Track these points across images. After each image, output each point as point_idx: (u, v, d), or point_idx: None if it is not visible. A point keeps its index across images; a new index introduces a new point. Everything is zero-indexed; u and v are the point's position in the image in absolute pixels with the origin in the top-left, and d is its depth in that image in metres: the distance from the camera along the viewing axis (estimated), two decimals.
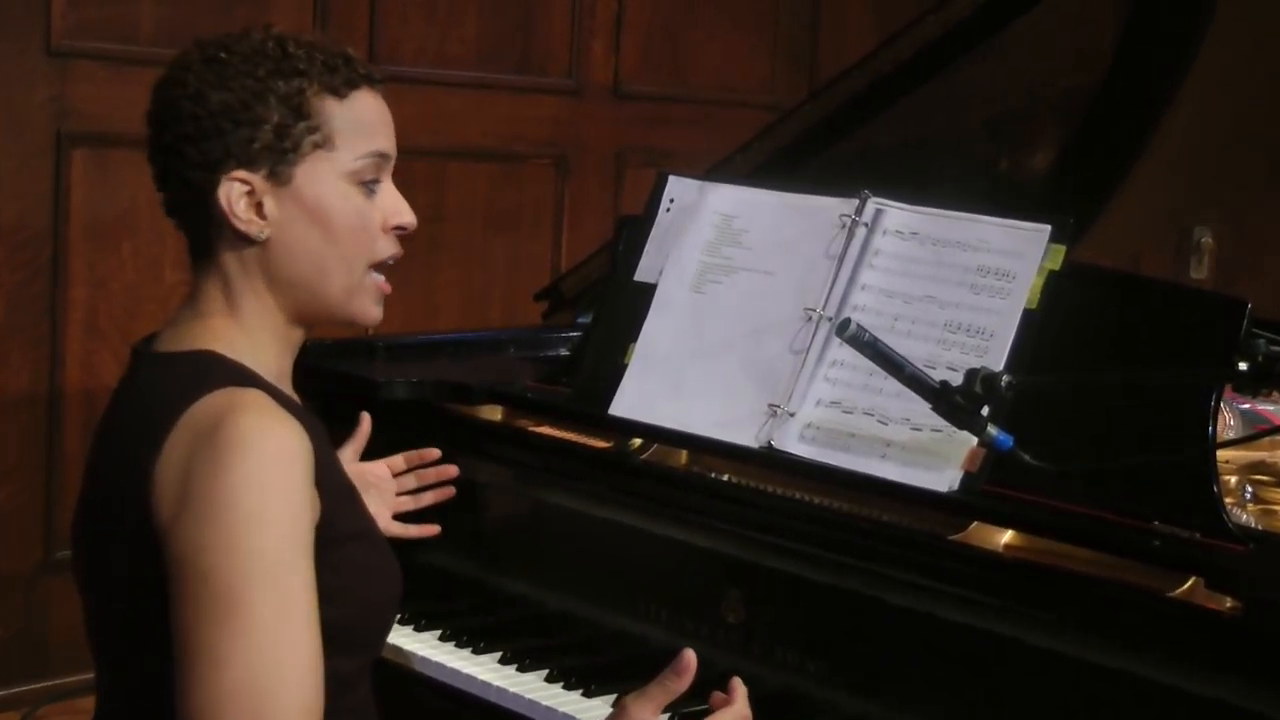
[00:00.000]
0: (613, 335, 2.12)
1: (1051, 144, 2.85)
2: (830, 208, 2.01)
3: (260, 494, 1.37)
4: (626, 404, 2.05)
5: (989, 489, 1.77)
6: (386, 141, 1.56)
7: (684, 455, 2.03)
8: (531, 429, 2.16)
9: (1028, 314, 1.83)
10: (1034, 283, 1.84)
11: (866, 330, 1.76)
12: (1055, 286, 1.83)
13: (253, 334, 1.54)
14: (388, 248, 1.57)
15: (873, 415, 1.87)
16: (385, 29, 3.90)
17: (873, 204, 1.99)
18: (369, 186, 1.55)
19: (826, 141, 2.59)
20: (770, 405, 1.94)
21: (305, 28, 3.70)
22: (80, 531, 1.53)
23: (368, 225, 1.55)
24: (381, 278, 1.58)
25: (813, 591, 1.78)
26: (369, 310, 1.57)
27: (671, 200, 2.15)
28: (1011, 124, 2.81)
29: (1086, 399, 1.79)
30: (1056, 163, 2.82)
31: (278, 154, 1.50)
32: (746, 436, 1.94)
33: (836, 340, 1.86)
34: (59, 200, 3.44)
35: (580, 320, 2.63)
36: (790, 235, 2.03)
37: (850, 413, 1.89)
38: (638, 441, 2.05)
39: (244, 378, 1.48)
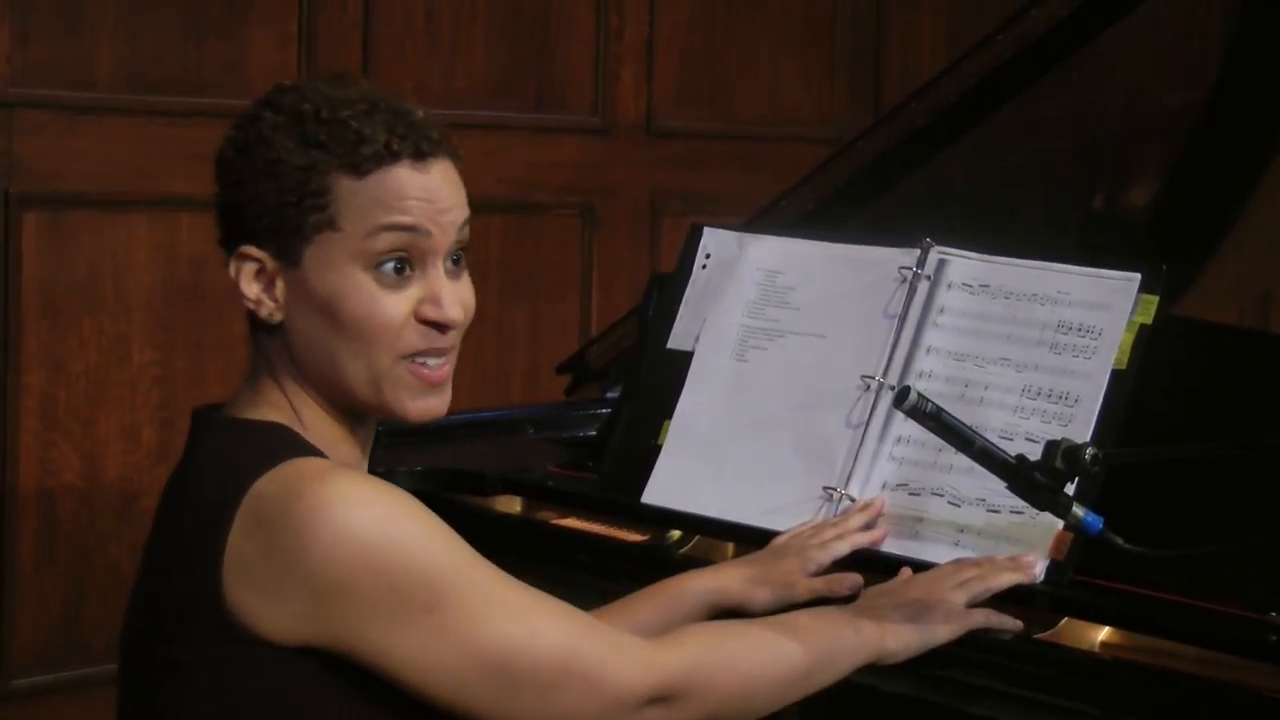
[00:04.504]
0: (645, 412, 2.18)
1: (1155, 172, 2.89)
2: (888, 260, 2.07)
3: (407, 534, 1.50)
4: (662, 490, 2.10)
5: (1079, 579, 1.81)
6: (417, 217, 1.59)
7: (730, 548, 2.07)
8: (555, 522, 2.21)
9: (1116, 375, 1.88)
10: (1123, 340, 1.89)
11: (929, 400, 1.81)
12: (1148, 343, 1.88)
13: (310, 425, 1.62)
14: (416, 341, 1.60)
15: (942, 496, 1.92)
16: (380, 62, 3.98)
17: (936, 253, 2.05)
18: (395, 271, 1.59)
19: (889, 180, 2.64)
20: (826, 488, 2.00)
21: (289, 62, 3.80)
22: (135, 613, 1.62)
23: (386, 316, 1.58)
24: (428, 365, 1.61)
25: (881, 703, 1.81)
26: (404, 405, 1.62)
27: (708, 255, 2.21)
28: (1107, 151, 2.85)
29: (1189, 473, 1.84)
30: (1161, 194, 2.86)
31: (282, 233, 1.58)
32: (800, 525, 1.98)
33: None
34: (8, 271, 3.51)
35: (609, 395, 2.68)
36: (843, 292, 2.08)
37: (918, 494, 1.94)
38: (676, 534, 2.10)
39: (316, 455, 1.57)
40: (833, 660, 1.70)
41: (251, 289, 1.60)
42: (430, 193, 1.60)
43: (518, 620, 1.54)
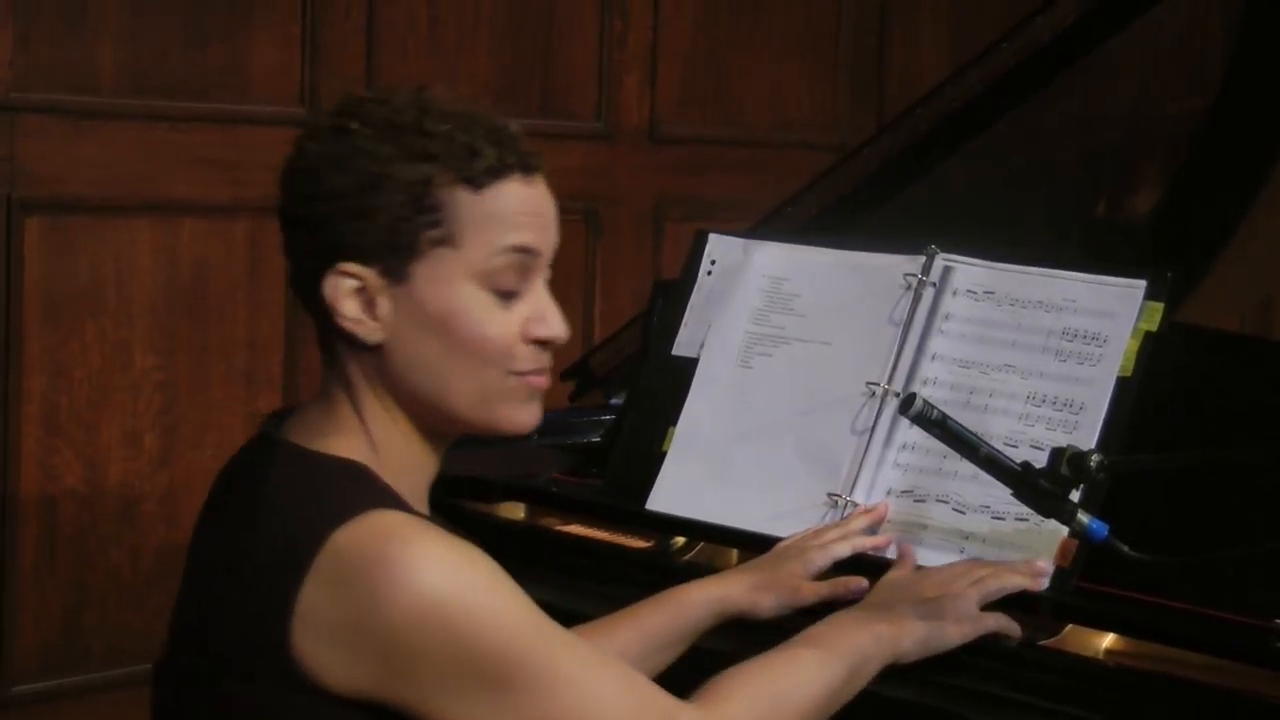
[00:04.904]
0: (649, 419, 2.19)
1: (1157, 179, 2.91)
2: (893, 266, 2.09)
3: (484, 607, 1.48)
4: (666, 497, 2.12)
5: (1084, 586, 1.83)
6: (533, 235, 1.58)
7: (735, 555, 2.08)
8: (559, 528, 2.22)
9: (1121, 383, 1.89)
10: (1128, 347, 1.90)
11: (935, 407, 1.82)
12: (1153, 351, 1.89)
13: (386, 453, 1.59)
14: (527, 360, 1.60)
15: (947, 503, 1.94)
16: (383, 66, 4.00)
17: (940, 260, 2.06)
18: (512, 289, 1.58)
19: (894, 186, 2.65)
20: (830, 495, 2.01)
21: (292, 66, 3.82)
22: (184, 635, 1.60)
23: (501, 335, 1.58)
24: (535, 376, 1.61)
25: (886, 709, 1.81)
26: (515, 418, 1.61)
27: (713, 262, 2.23)
28: (1111, 159, 2.87)
29: (1194, 480, 1.85)
30: (1164, 201, 2.88)
31: (392, 249, 1.55)
32: (803, 530, 1.99)
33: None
34: (10, 276, 3.53)
35: (613, 402, 2.69)
36: (849, 299, 2.10)
37: (923, 501, 1.95)
38: (681, 540, 2.11)
39: (393, 502, 1.54)
40: (860, 671, 1.71)
41: (351, 308, 1.56)
42: (539, 207, 1.60)
43: (583, 701, 1.52)
